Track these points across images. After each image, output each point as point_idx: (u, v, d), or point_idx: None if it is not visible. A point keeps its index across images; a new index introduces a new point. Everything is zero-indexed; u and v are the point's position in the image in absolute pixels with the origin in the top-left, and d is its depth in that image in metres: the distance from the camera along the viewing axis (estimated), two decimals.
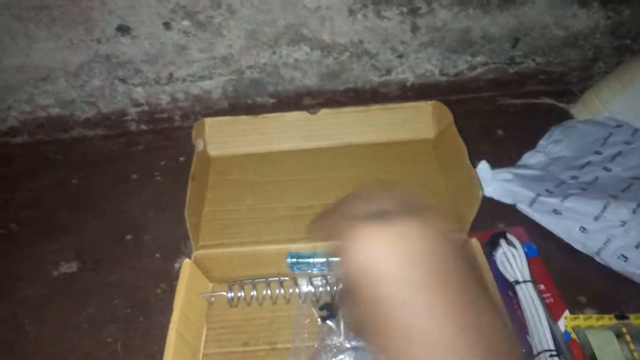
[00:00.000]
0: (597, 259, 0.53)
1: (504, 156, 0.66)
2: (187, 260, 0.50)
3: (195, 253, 0.52)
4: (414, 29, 0.70)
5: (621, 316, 0.47)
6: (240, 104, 0.76)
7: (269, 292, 0.51)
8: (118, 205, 0.66)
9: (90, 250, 0.61)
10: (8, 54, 0.68)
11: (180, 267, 0.58)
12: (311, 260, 0.51)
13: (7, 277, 0.60)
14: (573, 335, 0.46)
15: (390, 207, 0.24)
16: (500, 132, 0.72)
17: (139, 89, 0.73)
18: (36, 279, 0.59)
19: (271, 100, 0.77)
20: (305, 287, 0.52)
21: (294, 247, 0.52)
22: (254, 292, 0.51)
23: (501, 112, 0.75)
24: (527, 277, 0.48)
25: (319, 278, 0.53)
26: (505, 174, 0.60)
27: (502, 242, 0.51)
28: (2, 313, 0.56)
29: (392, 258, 0.22)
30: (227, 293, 0.52)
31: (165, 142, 0.74)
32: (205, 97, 0.75)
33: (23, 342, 0.54)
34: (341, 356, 0.47)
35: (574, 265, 0.54)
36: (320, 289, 0.51)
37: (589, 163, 0.61)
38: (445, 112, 0.61)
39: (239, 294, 0.52)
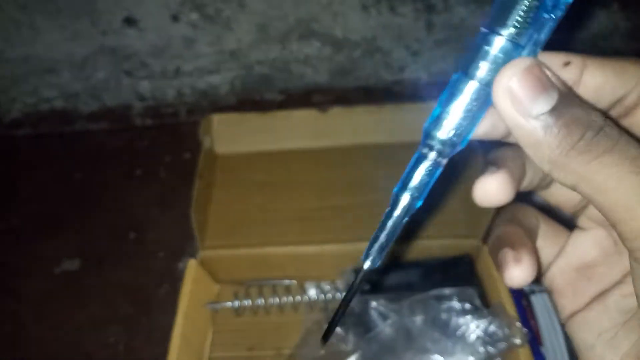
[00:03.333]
0: None
1: None
2: (192, 261, 0.49)
3: (201, 253, 0.51)
4: (429, 26, 0.68)
5: None
6: (248, 100, 0.75)
7: (277, 299, 0.49)
8: (122, 202, 0.64)
9: (93, 248, 0.60)
10: (12, 44, 0.67)
11: (184, 267, 0.57)
12: None
13: (7, 272, 0.59)
14: None
15: None
16: None
17: (145, 83, 0.72)
18: (37, 275, 0.58)
19: (280, 97, 0.75)
20: (313, 293, 0.51)
21: (302, 250, 0.51)
22: (260, 300, 0.50)
23: None
24: (543, 286, 0.47)
25: (328, 283, 0.51)
26: None
27: None
28: (2, 309, 0.55)
29: None
30: (233, 302, 0.50)
31: (170, 138, 0.73)
32: (212, 92, 0.74)
33: (24, 339, 0.53)
34: None
35: None
36: (329, 294, 0.50)
37: None
38: None
39: (245, 302, 0.50)
